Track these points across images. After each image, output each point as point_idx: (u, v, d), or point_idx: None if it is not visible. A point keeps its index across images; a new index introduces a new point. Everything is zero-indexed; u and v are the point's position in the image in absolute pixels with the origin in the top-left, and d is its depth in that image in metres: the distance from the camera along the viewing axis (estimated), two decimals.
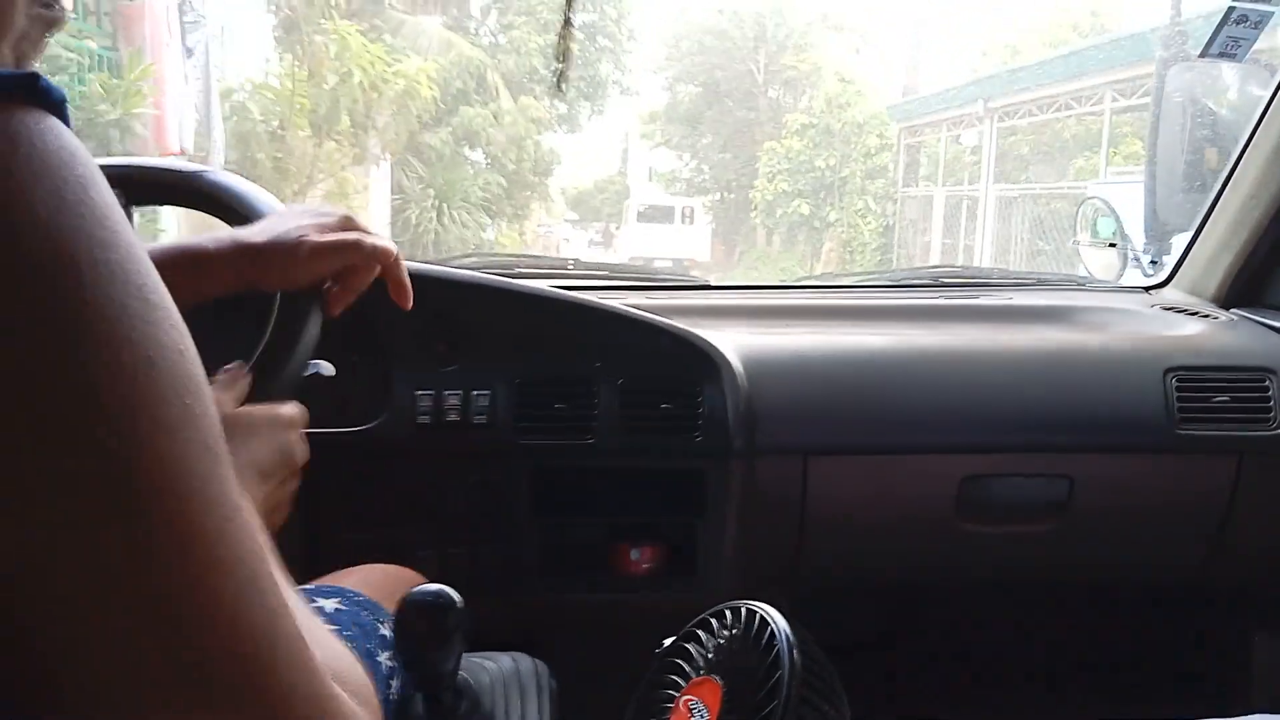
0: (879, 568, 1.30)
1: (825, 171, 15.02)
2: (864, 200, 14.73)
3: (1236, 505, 1.22)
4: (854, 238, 14.71)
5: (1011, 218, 11.85)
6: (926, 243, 13.76)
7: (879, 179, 14.97)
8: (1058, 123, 12.62)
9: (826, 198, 15.08)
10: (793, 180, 15.28)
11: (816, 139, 15.23)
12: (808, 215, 15.13)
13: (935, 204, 13.66)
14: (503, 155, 13.57)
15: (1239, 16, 1.29)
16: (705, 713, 0.70)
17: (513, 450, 1.12)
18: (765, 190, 15.59)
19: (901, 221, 14.65)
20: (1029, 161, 13.58)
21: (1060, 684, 1.53)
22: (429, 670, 0.71)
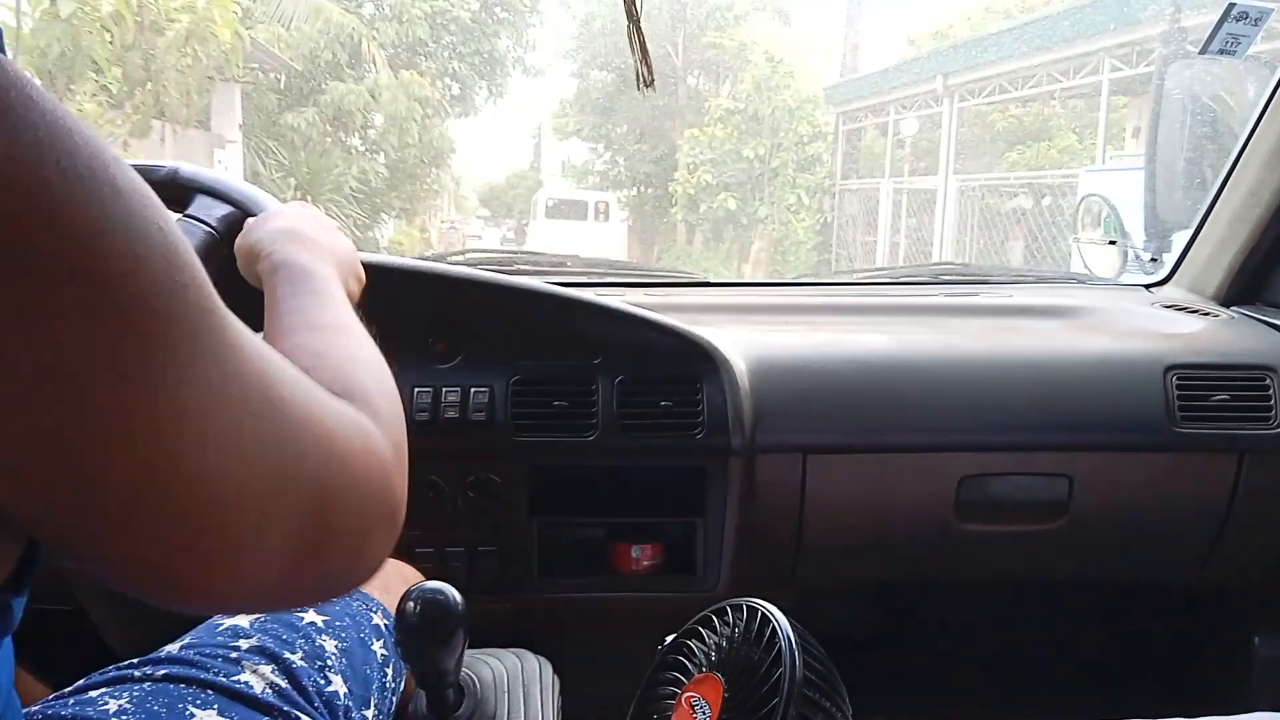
0: (878, 566, 1.30)
1: (754, 162, 13.47)
2: (796, 194, 13.24)
3: (1236, 504, 1.22)
4: (786, 235, 13.30)
5: (974, 213, 10.60)
6: (870, 243, 12.36)
7: (814, 170, 13.54)
8: (1036, 101, 11.24)
9: (755, 191, 13.60)
10: (717, 172, 13.66)
11: (743, 126, 13.64)
12: (734, 211, 13.61)
13: (882, 198, 12.08)
14: (382, 140, 11.99)
15: (1239, 13, 1.28)
16: (707, 709, 0.70)
17: (511, 448, 1.12)
18: (686, 183, 13.96)
19: (840, 218, 13.22)
20: (1002, 146, 12.25)
21: (1060, 682, 1.53)
22: (431, 668, 0.70)
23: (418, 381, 1.12)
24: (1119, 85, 9.08)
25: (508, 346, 1.16)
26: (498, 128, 18.88)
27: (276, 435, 0.38)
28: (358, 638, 0.73)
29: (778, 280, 2.26)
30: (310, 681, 0.66)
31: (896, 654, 1.53)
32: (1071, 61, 9.22)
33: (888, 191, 11.99)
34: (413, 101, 11.83)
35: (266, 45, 9.91)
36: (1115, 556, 1.29)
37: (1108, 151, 9.25)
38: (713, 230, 14.25)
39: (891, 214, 11.90)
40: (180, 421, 0.34)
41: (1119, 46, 8.43)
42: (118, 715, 0.59)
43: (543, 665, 0.86)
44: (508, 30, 14.55)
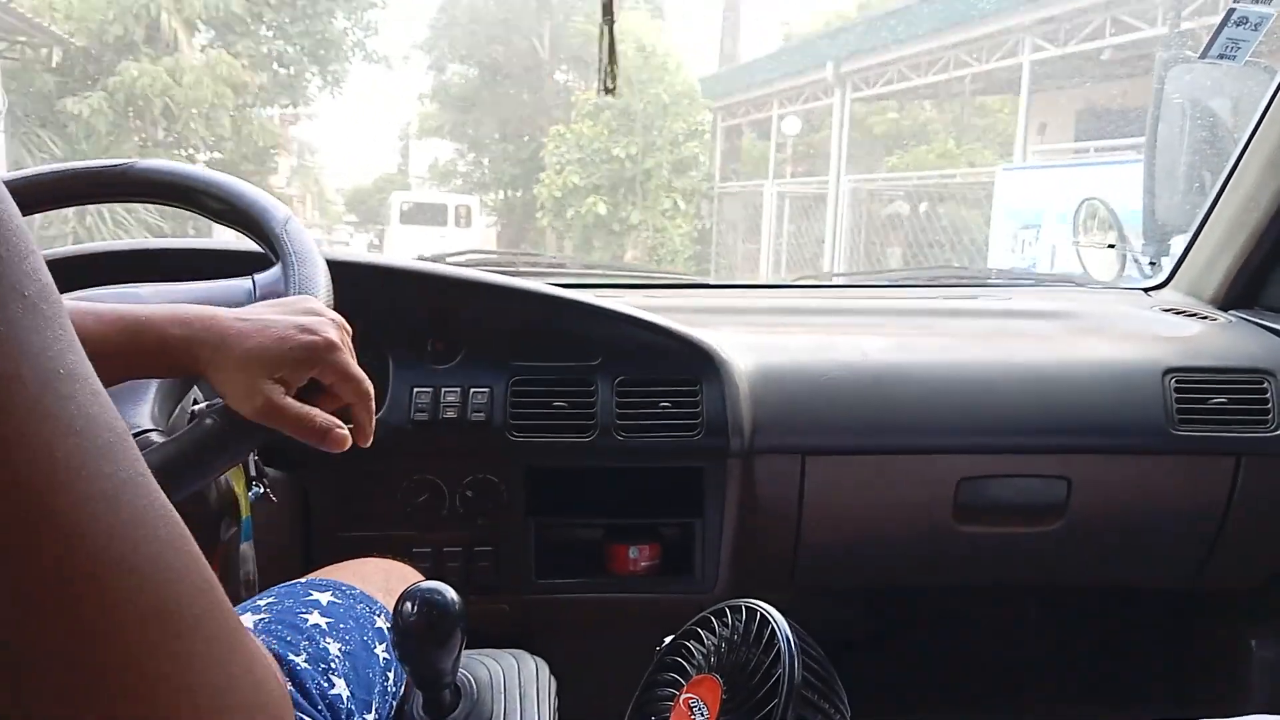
0: (876, 568, 1.30)
1: (625, 163, 12.06)
2: (672, 198, 12.10)
3: (1234, 507, 1.22)
4: (662, 243, 12.15)
5: (864, 217, 9.64)
6: (753, 250, 11.38)
7: (691, 173, 12.37)
8: (944, 88, 9.99)
9: (628, 195, 12.27)
10: (585, 173, 12.24)
11: (613, 123, 12.22)
12: (604, 216, 12.18)
13: (765, 202, 10.94)
14: (189, 131, 10.01)
15: (1239, 18, 1.29)
16: (705, 710, 0.70)
17: (510, 448, 1.12)
18: (552, 185, 12.44)
19: (720, 224, 12.31)
20: (880, 151, 11.31)
21: (1058, 685, 1.53)
22: (428, 668, 0.70)
23: (416, 382, 1.12)
24: (1027, 75, 7.79)
25: (507, 347, 1.16)
26: (363, 126, 17.99)
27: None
28: (361, 640, 0.73)
29: (776, 283, 2.26)
30: (314, 684, 0.66)
31: (894, 656, 1.52)
32: (985, 41, 7.98)
33: (771, 195, 11.00)
34: (223, 86, 9.93)
35: (27, 14, 8.16)
36: (1113, 559, 1.29)
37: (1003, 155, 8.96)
38: (582, 237, 12.68)
39: (775, 219, 10.90)
40: None
41: (1042, 23, 7.19)
42: None
43: (540, 666, 0.86)
44: (342, 8, 12.38)
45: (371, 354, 1.14)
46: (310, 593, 0.76)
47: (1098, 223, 1.70)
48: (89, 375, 0.30)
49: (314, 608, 0.73)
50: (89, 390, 0.30)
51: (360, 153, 21.01)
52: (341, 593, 0.77)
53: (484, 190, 16.08)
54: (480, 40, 15.17)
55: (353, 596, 0.77)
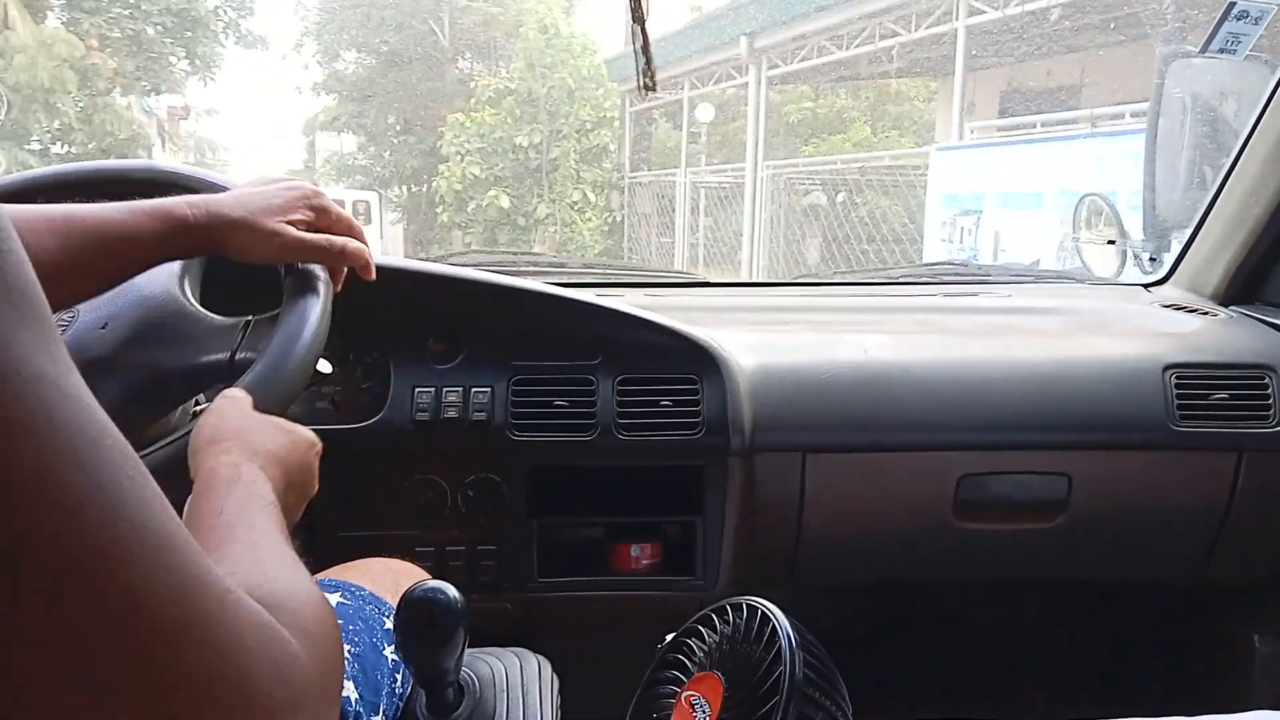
0: (877, 565, 1.30)
1: (529, 152, 11.19)
2: (581, 190, 11.21)
3: (1236, 502, 1.22)
4: (571, 238, 11.27)
5: (783, 209, 8.83)
6: (667, 244, 10.54)
7: (601, 162, 11.45)
8: (866, 65, 9.10)
9: (534, 187, 11.41)
10: (486, 163, 11.25)
11: (516, 110, 11.34)
12: (508, 209, 11.17)
13: (678, 192, 10.09)
14: (28, 118, 8.87)
15: (1239, 12, 1.28)
16: (707, 708, 0.70)
17: (511, 447, 1.12)
18: (452, 177, 11.39)
19: (632, 216, 11.28)
20: (796, 141, 10.67)
21: (1059, 681, 1.53)
22: (431, 667, 0.71)
23: (418, 381, 1.13)
24: (963, 43, 6.95)
25: (508, 347, 1.16)
26: (268, 121, 17.09)
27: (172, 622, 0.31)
28: (370, 642, 0.73)
29: (777, 281, 2.26)
30: None
31: (895, 653, 1.53)
32: (915, 6, 7.29)
33: (684, 185, 10.16)
34: (64, 69, 8.60)
35: None
36: (1114, 555, 1.29)
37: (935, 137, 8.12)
38: (486, 233, 11.63)
39: (690, 211, 10.12)
40: None
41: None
42: None
43: (542, 664, 0.86)
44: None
45: (373, 354, 1.14)
46: None
47: (1102, 219, 1.70)
48: (59, 377, 0.29)
49: None
50: (57, 393, 0.29)
51: (267, 149, 19.52)
52: (350, 594, 0.77)
53: (386, 185, 14.94)
54: (375, 26, 14.03)
55: (361, 598, 0.77)
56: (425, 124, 13.63)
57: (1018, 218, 6.09)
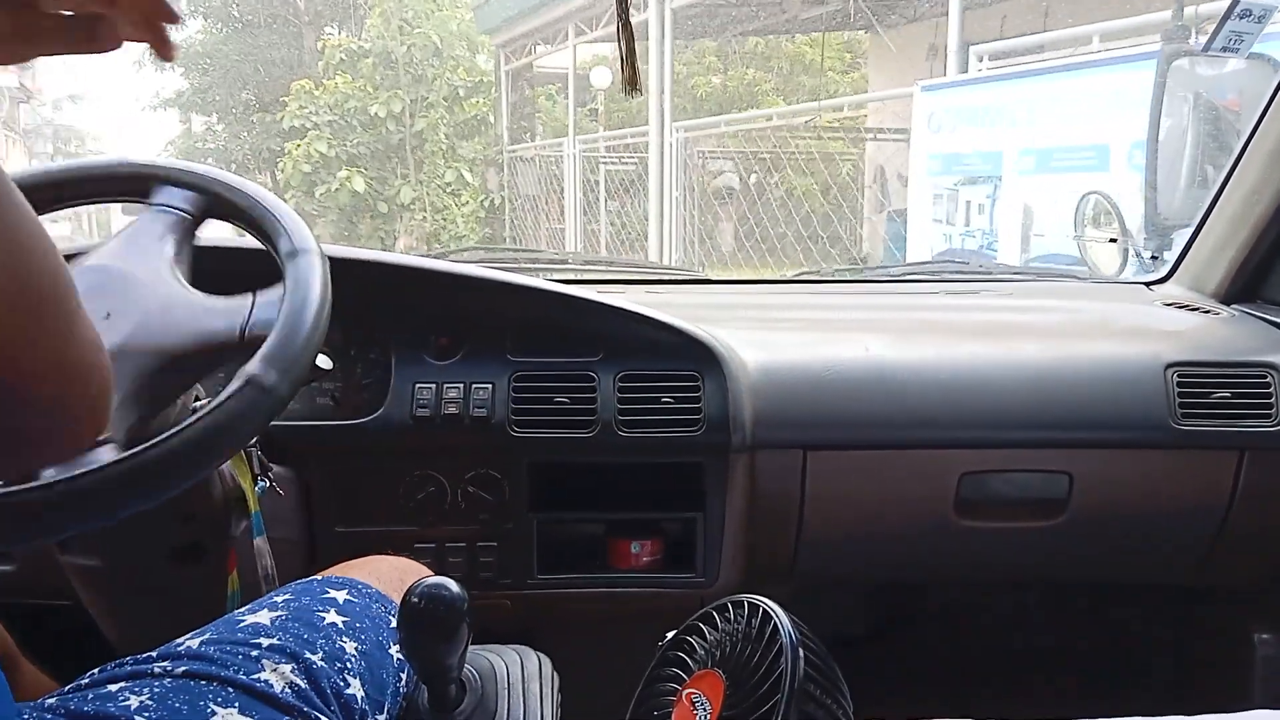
0: (877, 563, 1.30)
1: (389, 124, 9.57)
2: (455, 169, 9.57)
3: (1237, 501, 1.22)
4: (443, 227, 9.63)
5: (697, 185, 7.49)
6: (557, 230, 8.85)
7: (479, 136, 9.79)
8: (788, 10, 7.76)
9: (396, 166, 9.82)
10: (337, 139, 9.58)
11: (374, 75, 9.64)
12: (363, 193, 9.56)
13: (567, 167, 8.40)
14: None
15: (1243, 11, 1.28)
16: (708, 705, 0.70)
17: (512, 444, 1.12)
18: (297, 156, 9.65)
19: (516, 199, 9.49)
20: (734, 104, 9.20)
21: (1059, 680, 1.53)
22: (433, 663, 0.71)
23: (418, 378, 1.13)
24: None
25: (509, 343, 1.16)
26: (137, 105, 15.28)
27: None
28: (376, 640, 0.73)
29: (778, 278, 2.26)
30: (329, 683, 0.66)
31: (895, 651, 1.53)
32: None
33: (574, 157, 8.39)
34: None
35: None
36: (1115, 553, 1.29)
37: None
38: (341, 221, 9.89)
39: (581, 190, 8.35)
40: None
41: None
42: (140, 712, 0.59)
43: (543, 661, 0.86)
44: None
45: (374, 350, 1.14)
46: (327, 590, 0.76)
47: (1104, 217, 1.70)
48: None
49: (331, 606, 0.74)
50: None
51: (138, 135, 18.72)
52: (358, 591, 0.77)
53: (244, 170, 12.39)
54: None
55: (369, 595, 0.77)
56: (281, 100, 11.56)
57: (1063, 183, 3.94)
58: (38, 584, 1.06)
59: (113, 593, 0.98)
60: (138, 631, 0.89)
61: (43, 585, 1.06)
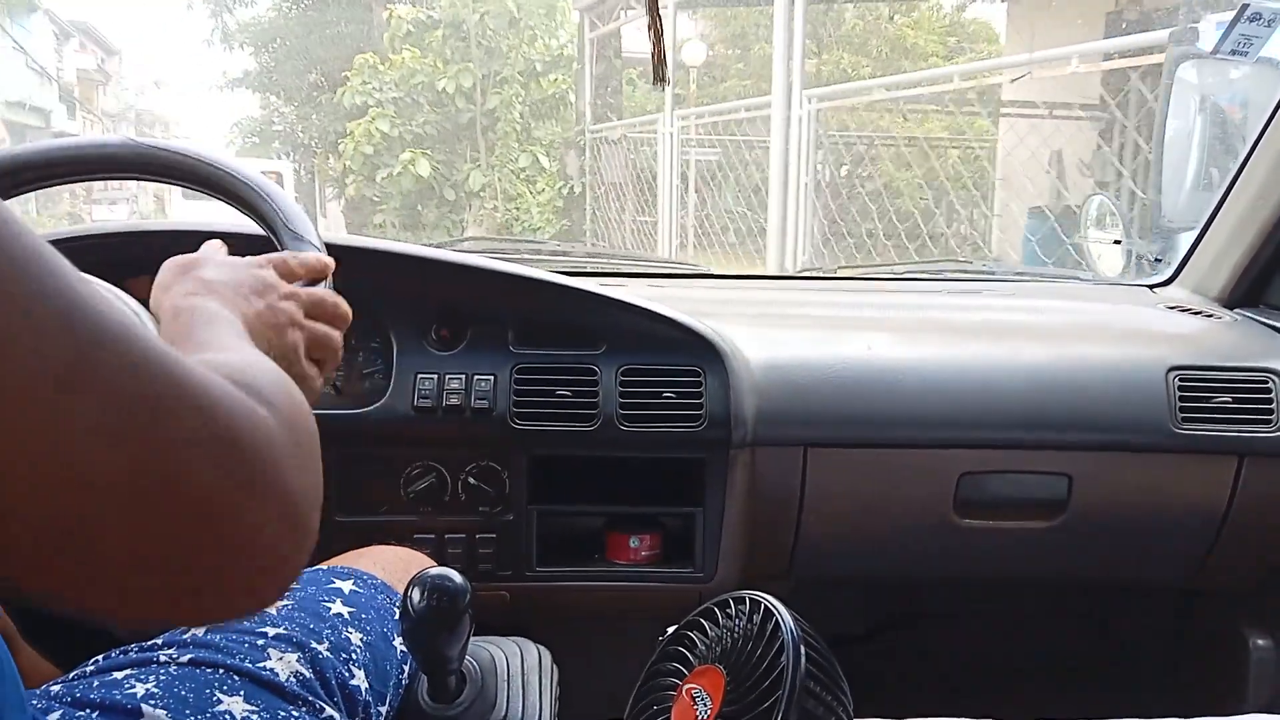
0: (876, 561, 1.30)
1: (458, 101, 8.50)
2: (530, 152, 8.50)
3: (1236, 506, 1.22)
4: (516, 218, 8.55)
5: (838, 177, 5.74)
6: (647, 225, 7.31)
7: (557, 116, 8.69)
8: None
9: (466, 149, 8.78)
10: (402, 117, 8.60)
11: (443, 49, 8.56)
12: (428, 178, 8.47)
13: (661, 151, 6.88)
14: None
15: (1252, 14, 1.28)
16: (708, 701, 0.70)
17: (513, 436, 1.12)
18: (360, 137, 8.71)
19: (597, 187, 8.02)
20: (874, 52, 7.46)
21: (1055, 681, 1.54)
22: (434, 655, 0.71)
23: (420, 368, 1.12)
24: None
25: (511, 335, 1.16)
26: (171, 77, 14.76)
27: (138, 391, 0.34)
28: (381, 632, 0.73)
29: (781, 274, 2.27)
30: (334, 673, 0.66)
31: (893, 649, 1.53)
32: None
33: (669, 137, 6.72)
34: None
35: None
36: (1113, 556, 1.29)
37: None
38: (402, 209, 8.89)
39: (677, 175, 6.76)
40: None
41: None
42: (146, 699, 0.59)
43: (542, 654, 0.86)
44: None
45: (376, 340, 1.14)
46: (333, 580, 0.76)
47: (1108, 219, 1.70)
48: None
49: (336, 596, 0.74)
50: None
51: (214, 119, 17.38)
52: (363, 582, 0.77)
53: (311, 154, 12.12)
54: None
55: (374, 586, 0.77)
56: (346, 76, 10.63)
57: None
58: None
59: None
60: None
61: None
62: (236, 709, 0.60)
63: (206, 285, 0.61)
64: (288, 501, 0.39)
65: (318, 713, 0.63)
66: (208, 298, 0.60)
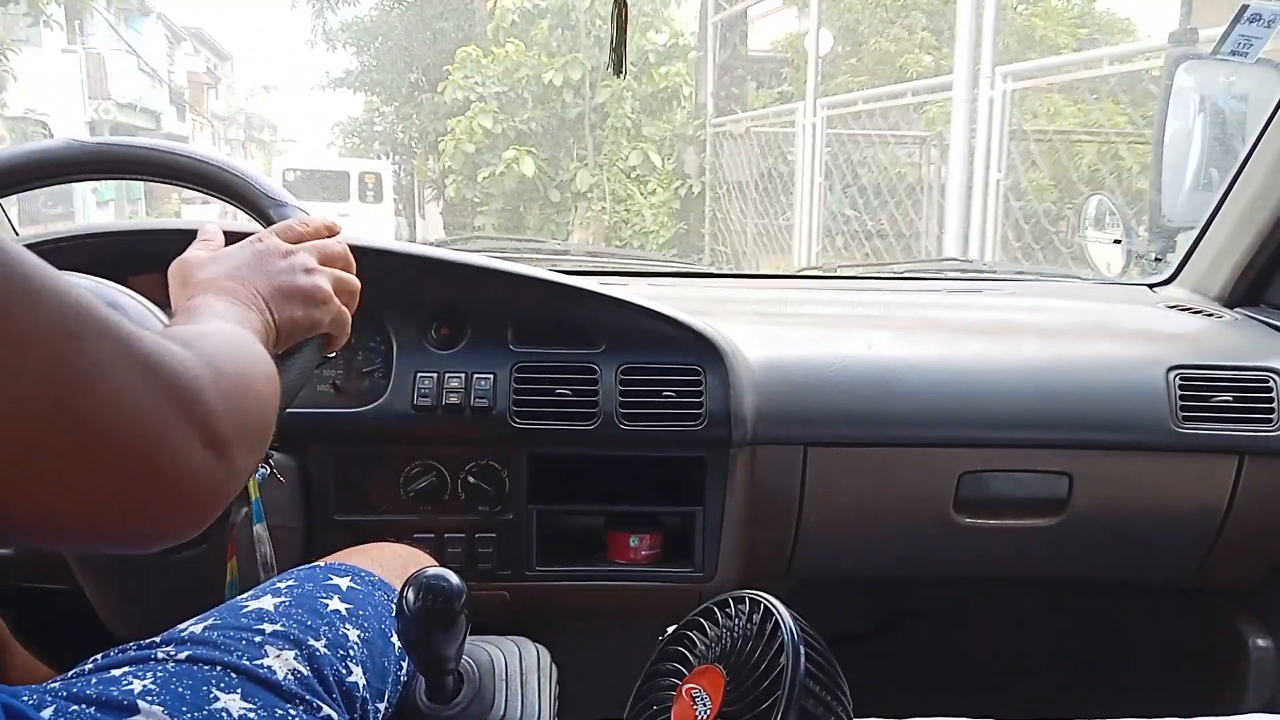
0: (876, 560, 1.30)
1: (565, 95, 7.83)
2: (641, 149, 7.82)
3: (1236, 505, 1.22)
4: (626, 220, 7.92)
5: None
6: (775, 227, 6.34)
7: (672, 110, 7.92)
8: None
9: (573, 146, 8.14)
10: (506, 113, 8.00)
11: (549, 40, 8.00)
12: (533, 177, 7.81)
13: (802, 143, 5.82)
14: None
15: (1252, 15, 1.28)
16: (708, 701, 0.70)
17: (513, 434, 1.12)
18: (461, 135, 8.15)
19: (718, 187, 7.15)
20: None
21: (1055, 680, 1.54)
22: (432, 655, 0.70)
23: (420, 367, 1.12)
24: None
25: (511, 333, 1.15)
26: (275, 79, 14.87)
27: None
28: (379, 629, 0.73)
29: (781, 273, 2.27)
30: (331, 670, 0.66)
31: (893, 648, 1.53)
32: None
33: (810, 128, 5.67)
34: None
35: None
36: (1113, 555, 1.29)
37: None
38: (504, 210, 8.22)
39: (813, 169, 5.64)
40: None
41: None
42: (143, 696, 0.59)
43: (541, 654, 0.86)
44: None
45: (375, 339, 1.14)
46: (330, 577, 0.76)
47: (1108, 218, 1.70)
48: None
49: (334, 593, 0.73)
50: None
51: (319, 121, 17.09)
52: (361, 579, 0.77)
53: (410, 155, 11.81)
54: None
55: (371, 583, 0.77)
56: (447, 71, 9.96)
57: None
58: (35, 567, 1.06)
59: (111, 577, 0.97)
60: (135, 617, 0.89)
61: (40, 568, 1.05)
62: (234, 706, 0.60)
63: (202, 285, 0.66)
64: (214, 437, 0.45)
65: (315, 711, 0.63)
66: (205, 295, 0.64)
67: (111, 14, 13.04)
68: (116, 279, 0.82)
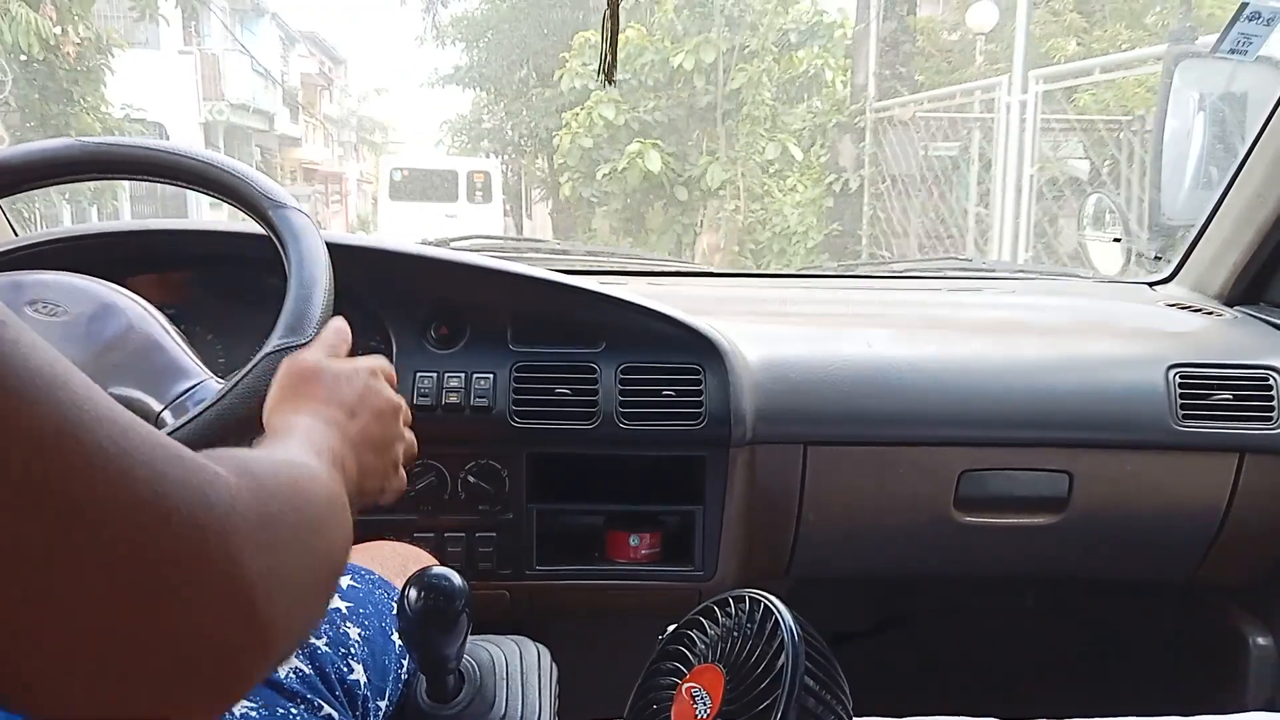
0: (876, 559, 1.30)
1: (695, 80, 7.00)
2: (779, 142, 6.94)
3: (1236, 503, 1.22)
4: (765, 221, 7.05)
5: None
6: (962, 226, 5.51)
7: (817, 96, 7.03)
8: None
9: (703, 139, 7.36)
10: (628, 103, 7.21)
11: (678, 22, 7.14)
12: (658, 173, 6.96)
13: (998, 128, 5.10)
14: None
15: (1252, 13, 1.28)
16: (707, 700, 0.70)
17: (512, 434, 1.12)
18: (576, 128, 7.43)
19: (879, 182, 6.19)
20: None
21: (1055, 679, 1.54)
22: (434, 654, 0.70)
23: (419, 366, 1.12)
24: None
25: (510, 333, 1.15)
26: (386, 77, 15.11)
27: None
28: (379, 627, 0.73)
29: (781, 272, 2.26)
30: (333, 668, 0.66)
31: (893, 647, 1.53)
32: None
33: (1017, 107, 4.90)
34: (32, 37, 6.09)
35: None
36: (1114, 553, 1.29)
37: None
38: (624, 210, 7.50)
39: (1029, 162, 4.83)
40: None
41: None
42: None
43: (541, 653, 0.86)
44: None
45: (374, 338, 1.14)
46: None
47: (1107, 216, 1.70)
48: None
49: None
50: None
51: (428, 121, 16.64)
52: (360, 577, 0.77)
53: (521, 153, 11.32)
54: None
55: (371, 581, 0.77)
56: (563, 58, 9.05)
57: None
58: None
59: None
60: None
61: None
62: (235, 706, 0.60)
63: (310, 403, 0.60)
64: (238, 583, 0.34)
65: (316, 709, 0.63)
66: (303, 415, 0.58)
67: (227, 15, 12.90)
68: (116, 279, 0.82)
